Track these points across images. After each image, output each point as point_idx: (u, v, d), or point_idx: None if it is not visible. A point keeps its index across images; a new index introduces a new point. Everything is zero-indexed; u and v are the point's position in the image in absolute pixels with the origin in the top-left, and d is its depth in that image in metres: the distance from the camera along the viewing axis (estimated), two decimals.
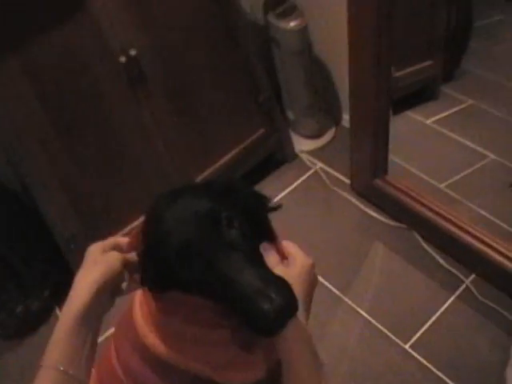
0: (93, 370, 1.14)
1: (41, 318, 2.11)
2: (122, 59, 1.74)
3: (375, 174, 2.00)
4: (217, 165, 2.13)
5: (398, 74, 2.14)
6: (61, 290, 2.11)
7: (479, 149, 2.27)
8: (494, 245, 1.80)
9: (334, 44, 2.20)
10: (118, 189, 1.94)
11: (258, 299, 0.73)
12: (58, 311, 2.13)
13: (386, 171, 2.01)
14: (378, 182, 2.01)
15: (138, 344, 0.97)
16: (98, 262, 0.87)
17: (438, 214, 1.89)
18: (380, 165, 1.98)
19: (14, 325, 2.07)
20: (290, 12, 2.08)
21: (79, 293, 0.83)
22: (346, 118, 2.44)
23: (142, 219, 0.89)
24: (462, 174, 2.19)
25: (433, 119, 2.39)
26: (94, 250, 0.91)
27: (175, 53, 1.88)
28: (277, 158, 2.37)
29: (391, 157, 2.06)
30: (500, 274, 1.80)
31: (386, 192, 1.99)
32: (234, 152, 2.16)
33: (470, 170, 2.20)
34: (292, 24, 2.07)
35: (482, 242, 1.81)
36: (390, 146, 2.00)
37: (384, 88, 1.77)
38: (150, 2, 1.77)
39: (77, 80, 1.71)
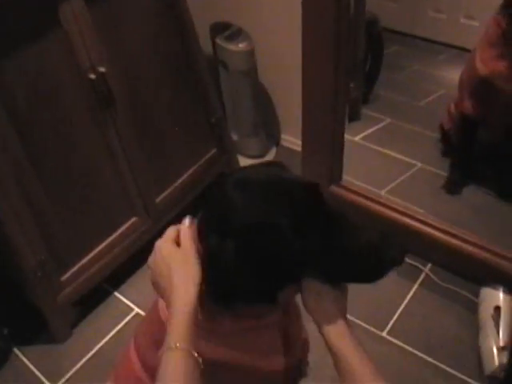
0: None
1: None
2: (92, 76, 1.76)
3: (331, 180, 2.13)
4: (176, 184, 2.17)
5: None
6: (20, 329, 2.01)
7: (406, 159, 2.51)
8: (447, 229, 1.98)
9: (276, 67, 2.36)
10: (82, 210, 1.91)
11: (385, 248, 0.85)
12: (17, 352, 2.00)
13: (341, 177, 2.15)
14: (334, 188, 2.14)
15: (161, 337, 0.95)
16: (189, 263, 0.87)
17: (394, 209, 2.05)
18: (336, 171, 2.12)
19: None
20: (237, 35, 2.21)
21: (188, 288, 0.85)
22: (284, 138, 2.59)
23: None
24: (397, 181, 2.40)
25: (360, 136, 2.60)
26: (170, 247, 0.91)
27: (138, 74, 1.94)
28: None
29: None
30: (453, 257, 1.99)
31: (343, 196, 2.12)
32: (190, 171, 2.21)
33: (402, 178, 2.42)
34: (241, 45, 2.21)
35: (436, 228, 1.99)
36: None
37: (341, 91, 1.92)
38: (118, 22, 1.83)
39: (48, 99, 1.70)
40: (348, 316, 1.89)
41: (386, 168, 2.49)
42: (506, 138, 2.30)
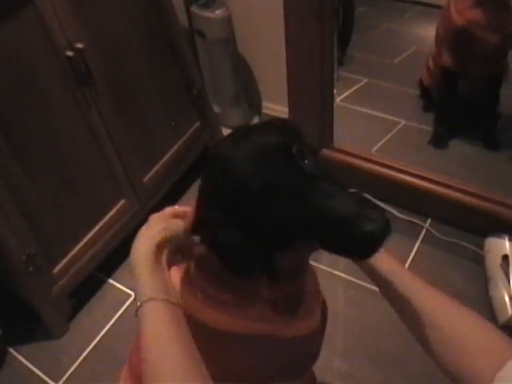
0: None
1: None
2: (69, 53, 1.66)
3: (322, 143, 2.07)
4: (162, 161, 2.09)
5: None
6: (14, 328, 1.91)
7: (390, 117, 2.48)
8: (445, 182, 1.96)
9: (254, 33, 2.28)
10: (68, 198, 1.81)
11: (360, 222, 0.71)
12: (14, 352, 1.90)
13: (332, 139, 2.09)
14: (326, 151, 2.08)
15: None
16: (160, 221, 0.90)
17: (388, 166, 2.02)
18: (326, 134, 2.06)
19: None
20: (212, 2, 2.12)
21: (145, 242, 0.87)
22: (266, 106, 2.52)
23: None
24: (383, 141, 2.37)
25: (340, 98, 2.55)
26: (156, 216, 0.92)
27: (115, 49, 1.84)
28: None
29: None
30: (453, 210, 1.97)
31: (335, 159, 2.07)
32: (175, 147, 2.13)
33: (388, 136, 2.39)
34: (218, 12, 2.12)
35: (434, 182, 1.97)
36: None
37: (328, 49, 1.85)
38: None
39: (24, 79, 1.58)
40: (353, 279, 1.88)
41: (371, 128, 2.46)
42: (486, 87, 2.31)
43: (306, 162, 0.77)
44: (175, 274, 0.94)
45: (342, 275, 1.95)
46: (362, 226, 0.70)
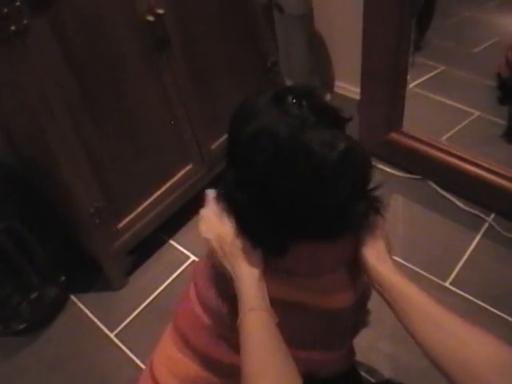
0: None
1: (57, 306, 1.96)
2: (150, 18, 1.69)
3: (391, 127, 2.06)
4: None
5: None
6: (76, 277, 1.99)
7: (463, 107, 2.43)
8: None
9: (332, 12, 2.28)
10: (137, 157, 1.86)
11: (321, 148, 0.70)
12: (74, 299, 2.00)
13: (401, 123, 2.07)
14: (394, 135, 2.07)
15: (217, 277, 0.99)
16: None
17: (456, 156, 1.99)
18: (396, 117, 2.05)
19: (28, 314, 1.88)
20: None
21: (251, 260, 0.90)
22: (338, 85, 2.51)
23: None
24: (455, 130, 2.32)
25: (414, 84, 2.52)
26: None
27: (193, 17, 1.85)
28: None
29: None
30: None
31: (402, 144, 2.05)
32: None
33: (460, 126, 2.34)
34: None
35: (501, 175, 1.93)
36: None
37: (405, 30, 1.84)
38: None
39: (102, 40, 1.62)
40: (410, 265, 1.87)
41: (443, 116, 2.42)
42: None
43: (302, 108, 0.81)
44: None
45: (400, 260, 1.94)
46: (321, 152, 0.70)
